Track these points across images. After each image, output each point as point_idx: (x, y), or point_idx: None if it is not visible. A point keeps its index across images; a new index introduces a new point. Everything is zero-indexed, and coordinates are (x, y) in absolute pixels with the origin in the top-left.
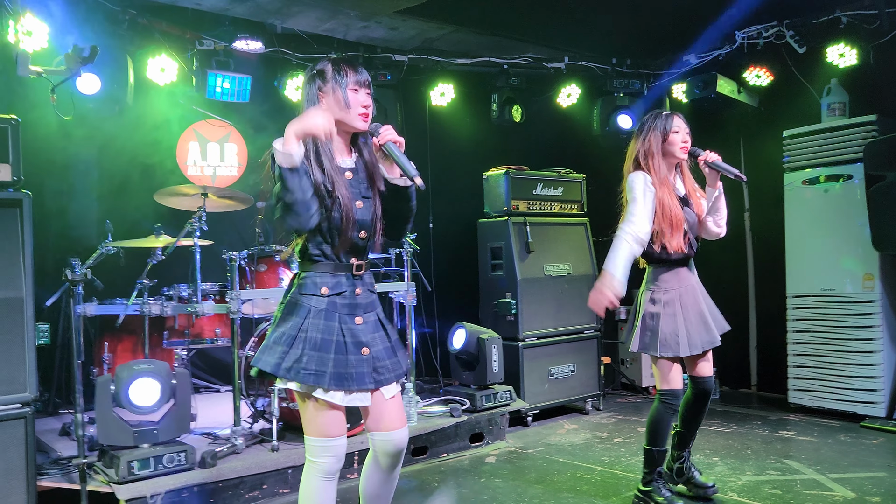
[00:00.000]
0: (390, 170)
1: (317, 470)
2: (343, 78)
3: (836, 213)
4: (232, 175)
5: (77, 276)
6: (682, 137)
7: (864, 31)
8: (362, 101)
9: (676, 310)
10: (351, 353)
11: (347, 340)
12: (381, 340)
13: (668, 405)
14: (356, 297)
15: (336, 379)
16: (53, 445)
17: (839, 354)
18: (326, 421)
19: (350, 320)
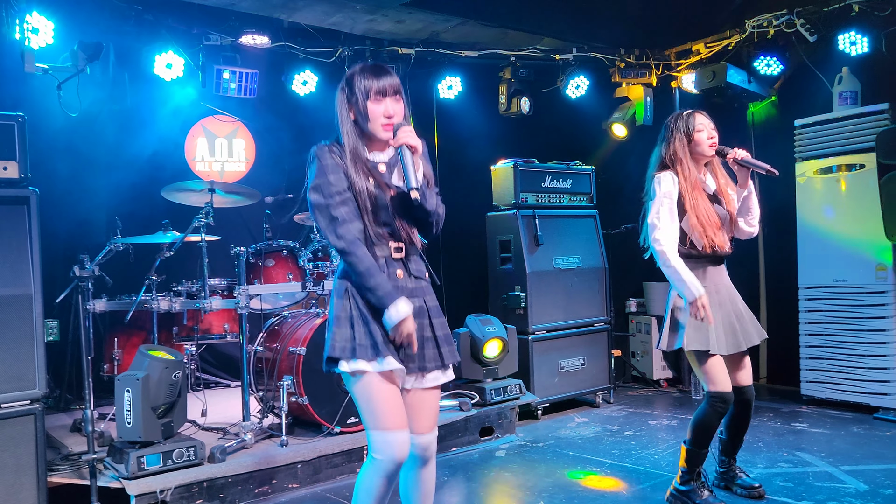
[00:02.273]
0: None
1: (379, 467)
2: (366, 90)
3: (848, 203)
4: (240, 170)
5: (86, 272)
6: (707, 135)
7: (875, 19)
8: (384, 112)
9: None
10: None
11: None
12: (421, 328)
13: (717, 408)
14: (397, 280)
15: (388, 348)
16: (64, 441)
17: (852, 345)
18: (389, 408)
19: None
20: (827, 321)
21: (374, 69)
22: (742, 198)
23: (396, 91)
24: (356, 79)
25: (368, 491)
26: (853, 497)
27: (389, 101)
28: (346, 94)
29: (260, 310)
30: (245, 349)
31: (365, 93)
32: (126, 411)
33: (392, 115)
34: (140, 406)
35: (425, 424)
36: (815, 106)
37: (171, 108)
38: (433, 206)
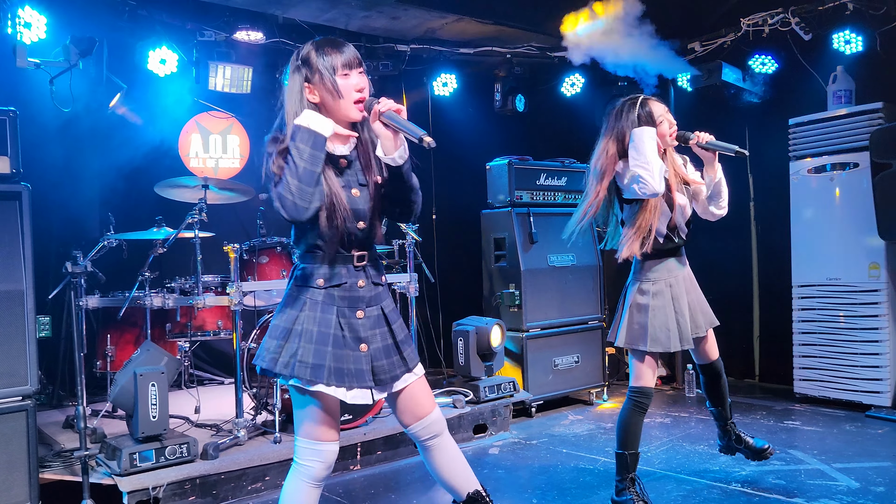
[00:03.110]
0: (387, 147)
1: (303, 473)
2: (331, 66)
3: (841, 202)
4: (234, 167)
5: (79, 268)
6: (668, 124)
7: (870, 18)
8: (355, 86)
9: (666, 301)
10: (349, 347)
11: (346, 335)
12: (382, 338)
13: (639, 404)
14: (358, 290)
15: (336, 374)
16: (56, 438)
17: (845, 344)
18: (319, 423)
19: (350, 314)
20: (820, 319)
21: (332, 42)
22: (713, 184)
23: (360, 63)
24: (314, 56)
25: (294, 497)
26: (845, 494)
27: (355, 73)
28: (306, 74)
29: (253, 306)
30: (238, 346)
31: (331, 69)
32: (152, 405)
33: (362, 87)
34: (166, 399)
35: (423, 409)
36: (809, 104)
37: (165, 103)
38: (416, 183)
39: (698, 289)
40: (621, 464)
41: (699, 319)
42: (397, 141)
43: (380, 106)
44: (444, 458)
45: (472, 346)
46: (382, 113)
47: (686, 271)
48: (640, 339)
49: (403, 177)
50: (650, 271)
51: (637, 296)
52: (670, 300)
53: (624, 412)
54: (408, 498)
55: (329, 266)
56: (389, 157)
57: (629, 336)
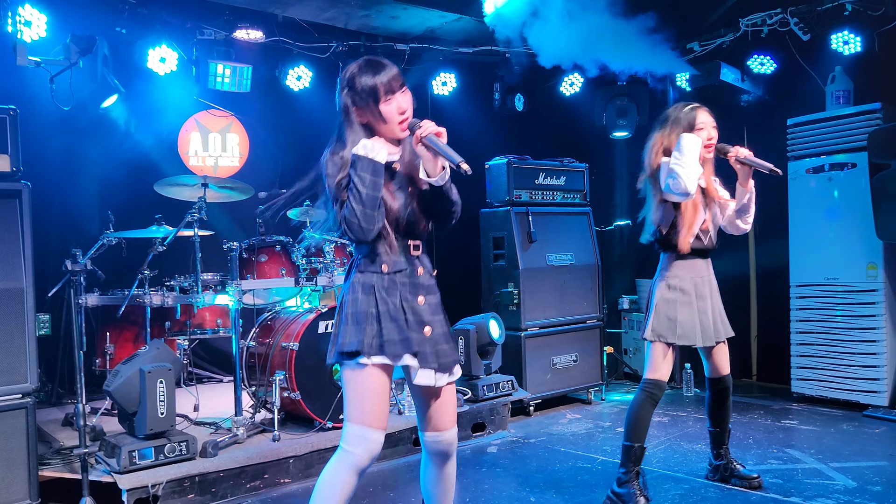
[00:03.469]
0: (429, 168)
1: (347, 460)
2: (372, 91)
3: (839, 202)
4: (234, 165)
5: (78, 266)
6: (707, 134)
7: (868, 18)
8: (398, 108)
9: (692, 298)
10: (414, 330)
11: (409, 318)
12: (441, 324)
13: (652, 395)
14: (417, 277)
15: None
16: (56, 435)
17: (842, 344)
18: (375, 407)
19: (413, 299)
20: (818, 319)
21: (372, 65)
22: (744, 198)
23: (402, 83)
24: (357, 80)
25: (333, 484)
26: (841, 494)
27: (399, 95)
28: (352, 98)
29: (253, 305)
30: (237, 344)
31: (373, 95)
32: (160, 402)
33: (405, 109)
34: (173, 395)
35: (448, 420)
36: (807, 105)
37: (165, 102)
38: (456, 197)
39: (719, 297)
40: (627, 456)
41: (720, 326)
42: (437, 164)
43: (421, 131)
44: (440, 477)
45: (472, 343)
46: (423, 137)
47: (711, 276)
48: (668, 332)
49: (445, 195)
50: (678, 269)
51: (665, 291)
52: (695, 298)
53: (635, 403)
54: (406, 496)
55: (389, 254)
56: (432, 179)
57: (657, 328)
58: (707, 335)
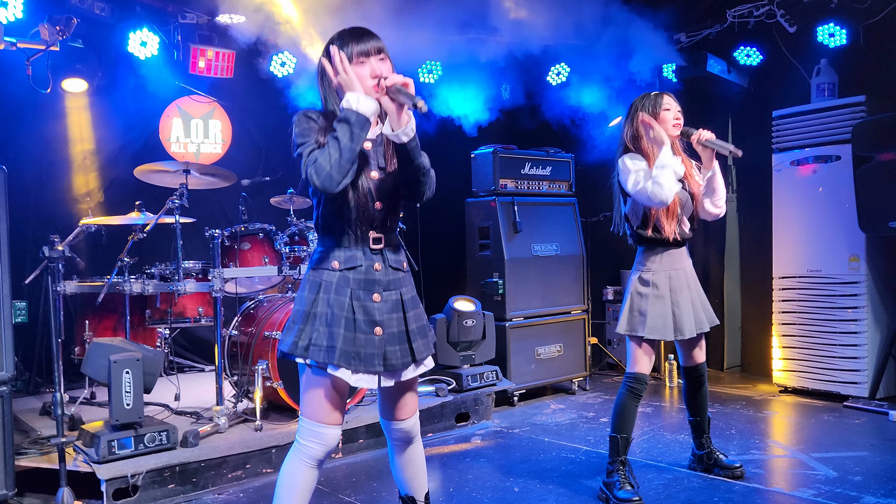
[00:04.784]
0: (393, 122)
1: (303, 453)
2: (347, 53)
3: (823, 194)
4: (216, 152)
5: (56, 253)
6: (673, 115)
7: (854, 11)
8: (370, 72)
9: (665, 292)
10: (361, 331)
11: (358, 318)
12: (398, 323)
13: (634, 389)
14: (374, 273)
15: (344, 356)
16: (33, 425)
17: (824, 335)
18: (325, 405)
19: (366, 297)
20: (800, 311)
21: (354, 31)
22: (707, 179)
23: (380, 50)
24: (337, 42)
25: (292, 476)
26: (823, 484)
27: (374, 60)
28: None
29: (235, 293)
30: (219, 333)
31: (348, 55)
32: (126, 392)
33: (379, 74)
34: (141, 387)
35: (406, 411)
36: (793, 97)
37: (146, 87)
38: (427, 163)
39: (699, 285)
40: (613, 446)
41: (701, 315)
42: (403, 116)
43: (386, 81)
44: (407, 460)
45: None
46: (389, 87)
47: (688, 265)
48: (638, 326)
49: (410, 155)
50: (652, 262)
51: (637, 285)
52: (668, 291)
53: (619, 397)
54: (389, 486)
55: (345, 249)
56: (394, 133)
57: (629, 323)
58: (681, 329)
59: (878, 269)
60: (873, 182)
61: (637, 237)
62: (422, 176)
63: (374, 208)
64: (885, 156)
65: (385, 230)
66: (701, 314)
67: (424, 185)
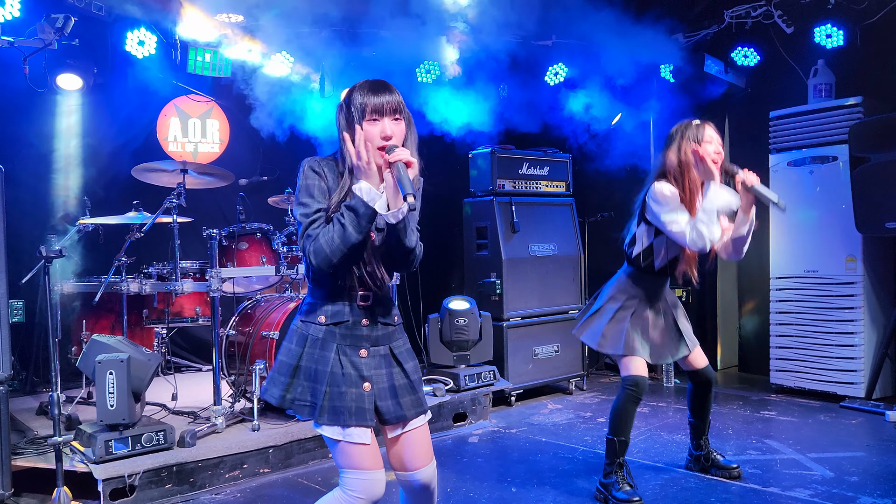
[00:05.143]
0: (391, 198)
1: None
2: (361, 108)
3: (820, 195)
4: (214, 152)
5: (53, 252)
6: (714, 149)
7: (851, 12)
8: (380, 133)
9: (646, 315)
10: (349, 385)
11: (346, 372)
12: (388, 378)
13: (632, 393)
14: (361, 329)
15: (331, 413)
16: (30, 424)
17: (821, 335)
18: (352, 453)
19: (352, 352)
20: (797, 311)
21: (373, 85)
22: (743, 225)
23: (395, 110)
24: (354, 95)
25: None
26: (819, 484)
27: (387, 120)
28: (345, 113)
29: (232, 293)
30: (217, 333)
31: (360, 111)
32: (109, 394)
33: (390, 135)
34: (125, 388)
35: (421, 459)
36: (790, 97)
37: (143, 86)
38: (414, 244)
39: (678, 307)
40: (610, 448)
41: (679, 344)
42: (398, 198)
43: (392, 155)
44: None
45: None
46: (392, 163)
47: (670, 292)
48: (614, 345)
49: (398, 234)
50: (635, 288)
51: (619, 299)
52: (650, 315)
53: (617, 400)
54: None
55: (332, 303)
56: (388, 213)
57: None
58: (654, 354)
59: (874, 270)
60: (870, 183)
61: (635, 262)
62: (408, 254)
63: (366, 269)
64: (882, 157)
65: (374, 288)
66: (683, 338)
67: (408, 262)
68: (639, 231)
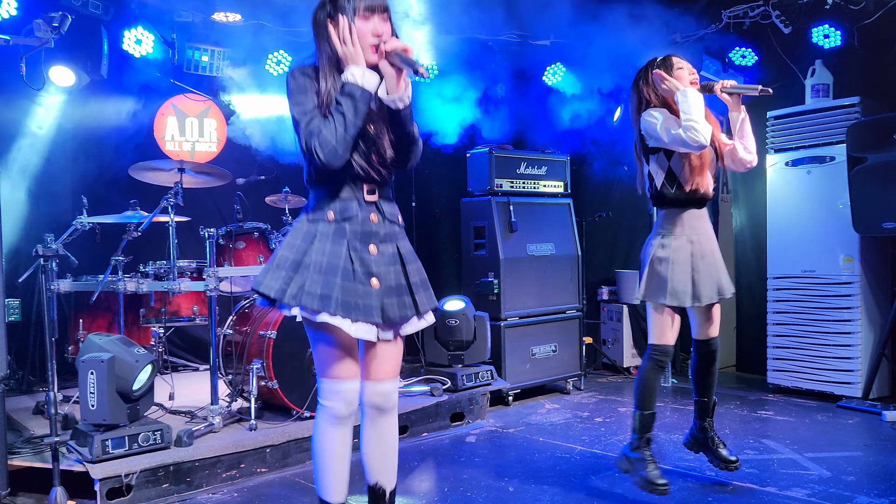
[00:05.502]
0: (391, 86)
1: (327, 413)
2: (353, 4)
3: (818, 195)
4: (211, 151)
5: (50, 251)
6: (687, 71)
7: (849, 12)
8: (373, 30)
9: (685, 256)
10: (359, 281)
11: (356, 268)
12: (396, 276)
13: (658, 362)
14: (370, 224)
15: (343, 306)
16: (27, 424)
17: (818, 335)
18: (335, 359)
19: (363, 248)
20: (794, 311)
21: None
22: (738, 122)
23: (385, 9)
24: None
25: (321, 442)
26: (816, 483)
27: (378, 18)
28: (329, 10)
29: (230, 292)
30: (214, 332)
31: (353, 7)
32: (90, 394)
33: (381, 34)
34: (106, 388)
35: (387, 370)
36: (787, 97)
37: (141, 85)
38: (416, 132)
39: (718, 251)
40: (638, 423)
41: (721, 282)
42: (401, 83)
43: (386, 45)
44: (378, 435)
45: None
46: (388, 52)
47: (709, 229)
48: (659, 293)
49: (403, 122)
50: (672, 225)
51: (658, 249)
52: (689, 256)
53: (642, 371)
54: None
55: (340, 200)
56: (390, 98)
57: (648, 289)
58: (698, 295)
59: (871, 270)
60: (867, 183)
61: (659, 197)
62: (411, 143)
63: (369, 161)
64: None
65: (379, 182)
66: (720, 280)
67: (411, 152)
68: (652, 168)
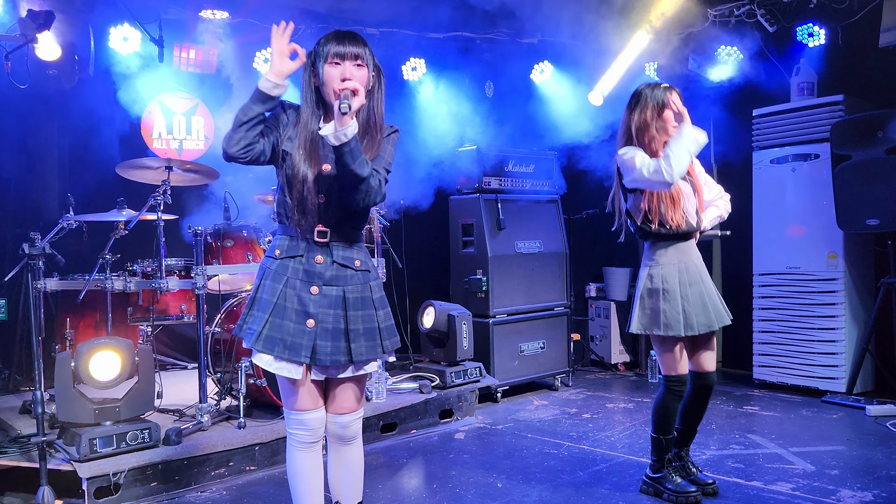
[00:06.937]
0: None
1: (293, 440)
2: (325, 52)
3: (802, 192)
4: (199, 148)
5: (37, 250)
6: (671, 115)
7: (833, 11)
8: (340, 75)
9: (674, 286)
10: (290, 319)
11: (289, 306)
12: (335, 320)
13: (675, 391)
14: (315, 265)
15: (266, 341)
16: (13, 423)
17: (803, 331)
18: (292, 394)
19: (303, 287)
20: (779, 307)
21: (340, 34)
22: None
23: (357, 56)
24: (321, 42)
25: (291, 466)
26: (801, 478)
27: (348, 64)
28: (312, 58)
29: (218, 291)
30: (202, 330)
31: (324, 55)
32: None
33: (349, 77)
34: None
35: (344, 406)
36: (773, 95)
37: (127, 82)
38: (364, 173)
39: (710, 280)
40: (657, 446)
41: (711, 313)
42: (344, 119)
43: (337, 84)
44: (339, 461)
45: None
46: (338, 92)
47: (697, 258)
48: (653, 325)
49: (343, 159)
50: (659, 255)
51: (647, 281)
52: (678, 285)
53: (659, 397)
54: (373, 483)
55: (289, 238)
56: (329, 132)
57: (641, 321)
58: (690, 324)
59: (855, 266)
60: (851, 180)
61: (642, 232)
62: (358, 183)
63: (316, 201)
64: (863, 154)
65: (333, 225)
66: (711, 312)
67: (359, 192)
68: (630, 206)
